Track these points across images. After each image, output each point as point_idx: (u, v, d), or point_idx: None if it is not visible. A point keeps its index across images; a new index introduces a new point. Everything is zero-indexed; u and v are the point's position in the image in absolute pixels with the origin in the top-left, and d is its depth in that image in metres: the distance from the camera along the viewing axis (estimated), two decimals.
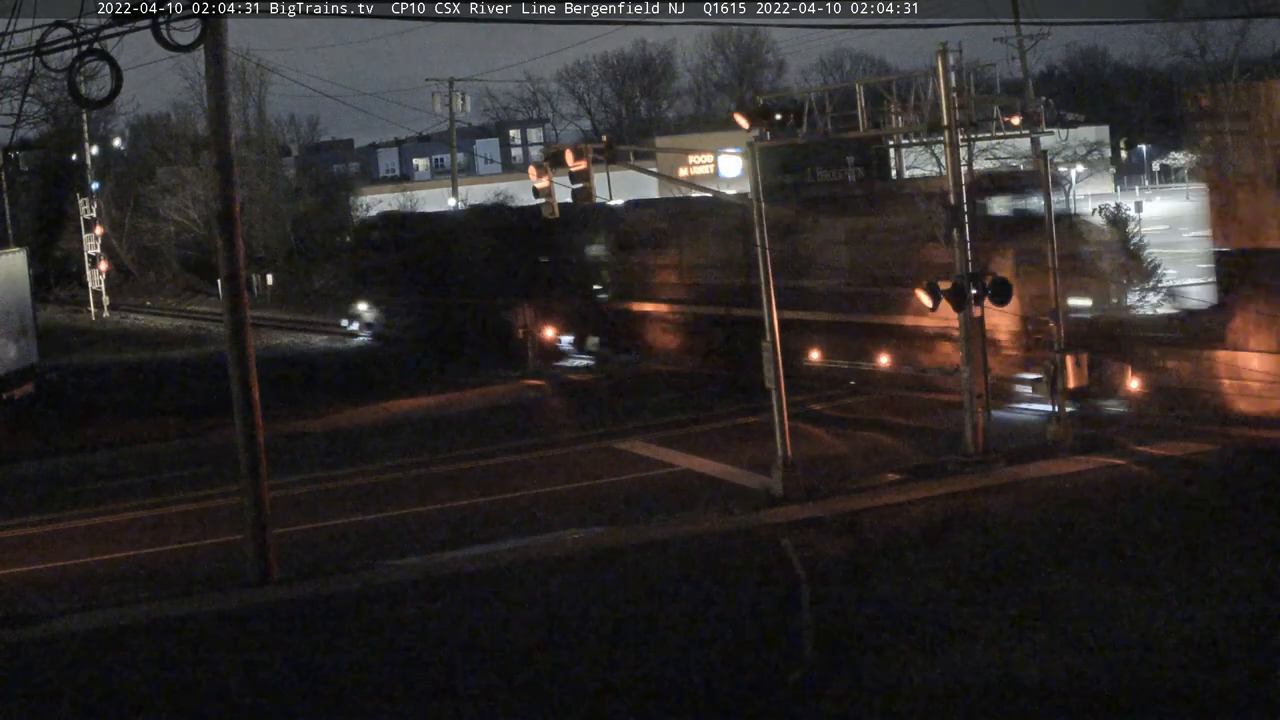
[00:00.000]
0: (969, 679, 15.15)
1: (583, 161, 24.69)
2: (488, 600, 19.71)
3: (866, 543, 21.02)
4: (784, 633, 17.13)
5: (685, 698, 15.49)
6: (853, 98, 28.71)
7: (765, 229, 24.61)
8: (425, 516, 24.93)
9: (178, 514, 26.75)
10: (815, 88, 39.83)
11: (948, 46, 25.39)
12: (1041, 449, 25.41)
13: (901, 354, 33.04)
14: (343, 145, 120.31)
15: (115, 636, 19.20)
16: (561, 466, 28.34)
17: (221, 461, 27.70)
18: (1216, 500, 21.83)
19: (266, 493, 21.52)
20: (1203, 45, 71.67)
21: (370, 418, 36.41)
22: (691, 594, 19.25)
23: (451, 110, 71.38)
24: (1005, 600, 17.69)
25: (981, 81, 29.39)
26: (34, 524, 26.86)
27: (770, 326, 24.25)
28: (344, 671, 17.11)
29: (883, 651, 16.22)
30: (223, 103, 21.61)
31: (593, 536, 22.72)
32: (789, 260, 31.38)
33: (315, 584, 21.14)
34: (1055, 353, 25.74)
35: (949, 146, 25.57)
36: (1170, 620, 16.44)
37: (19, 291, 42.82)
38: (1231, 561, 18.59)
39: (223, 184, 21.56)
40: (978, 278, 25.14)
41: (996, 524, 21.47)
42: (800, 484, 23.94)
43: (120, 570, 22.96)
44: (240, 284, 21.45)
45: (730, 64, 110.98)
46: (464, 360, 43.65)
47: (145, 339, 63.57)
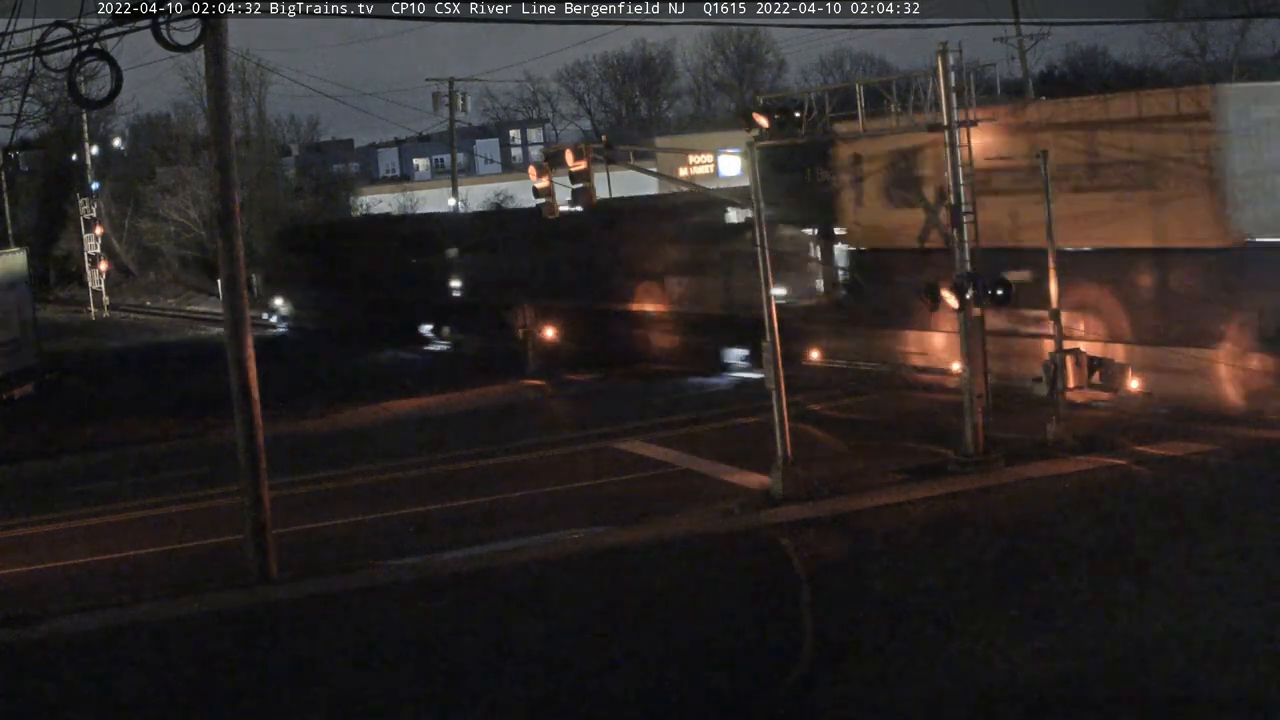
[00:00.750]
0: (969, 679, 15.15)
1: (583, 161, 24.70)
2: (488, 600, 19.71)
3: (866, 543, 21.02)
4: (784, 633, 17.13)
5: (685, 698, 15.49)
6: (853, 97, 28.70)
7: (765, 229, 24.65)
8: (425, 516, 24.94)
9: (178, 514, 26.76)
10: (815, 87, 39.84)
11: (948, 46, 25.39)
12: (1041, 449, 25.40)
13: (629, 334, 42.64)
14: (343, 145, 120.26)
15: (115, 636, 19.20)
16: (561, 466, 28.34)
17: (221, 461, 27.70)
18: (1217, 500, 21.81)
19: (266, 493, 21.52)
20: (1203, 45, 71.69)
21: (370, 417, 36.43)
22: (691, 594, 19.25)
23: (452, 110, 71.38)
24: (1005, 600, 17.68)
25: (981, 81, 29.38)
26: (34, 524, 26.88)
27: (770, 327, 24.24)
28: (344, 671, 17.12)
29: (883, 651, 16.22)
30: (223, 103, 21.61)
31: (593, 536, 22.72)
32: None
33: (315, 584, 21.14)
34: (1055, 352, 25.73)
35: (949, 146, 25.56)
36: (1170, 620, 16.44)
37: (19, 291, 42.89)
38: (1231, 561, 18.59)
39: (223, 184, 21.55)
40: (977, 277, 25.16)
41: (996, 524, 21.47)
42: (800, 484, 23.93)
43: (120, 570, 22.96)
44: (240, 284, 21.44)
45: (730, 64, 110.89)
46: (359, 343, 52.30)
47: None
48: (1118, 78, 75.90)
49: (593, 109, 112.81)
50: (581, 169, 24.56)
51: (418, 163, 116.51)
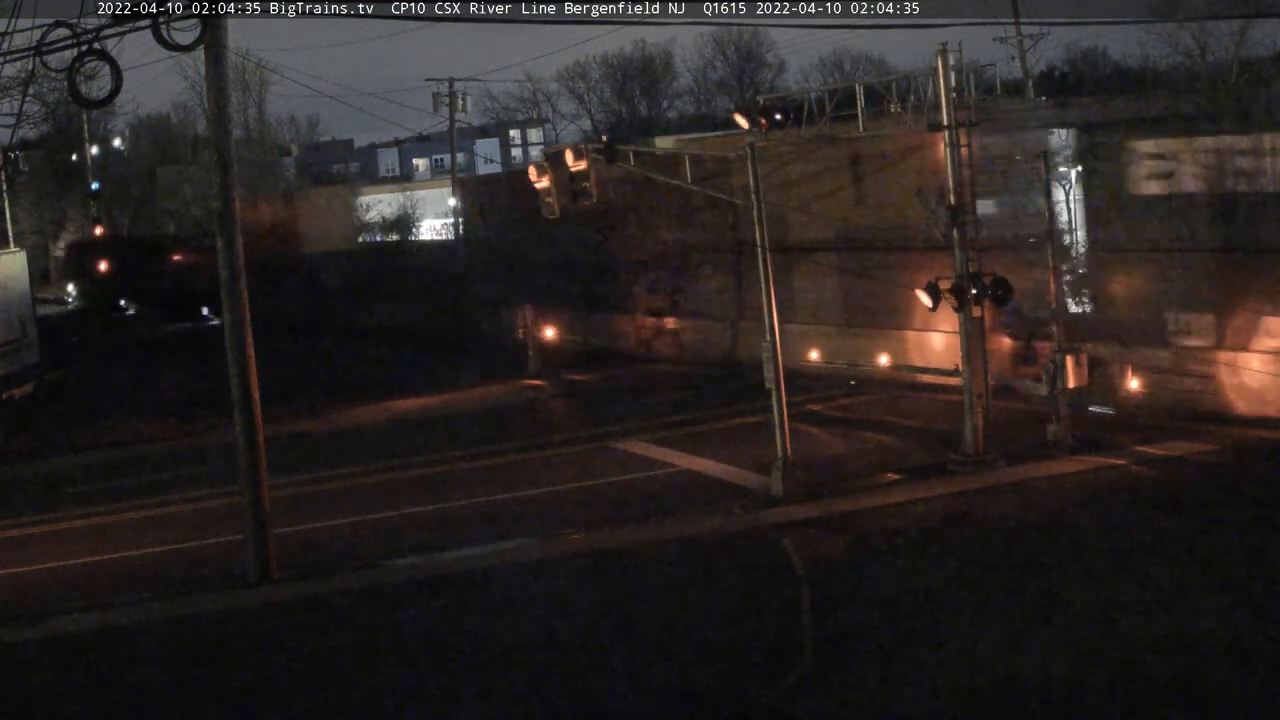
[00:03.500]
0: (969, 679, 15.15)
1: (583, 161, 24.73)
2: (488, 600, 19.72)
3: (866, 543, 21.02)
4: (784, 632, 17.13)
5: (685, 697, 15.49)
6: (853, 97, 28.71)
7: (765, 229, 24.65)
8: (425, 516, 24.94)
9: (178, 514, 26.76)
10: (815, 87, 39.90)
11: (948, 46, 25.39)
12: (1041, 449, 25.40)
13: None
14: (343, 145, 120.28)
15: (115, 636, 19.21)
16: (561, 466, 28.35)
17: (221, 461, 27.71)
18: (1216, 500, 21.82)
19: (266, 492, 21.52)
20: (1203, 45, 71.61)
21: (370, 417, 36.42)
22: (691, 594, 19.25)
23: (452, 110, 71.26)
24: (1005, 600, 17.69)
25: (981, 81, 29.40)
26: (34, 524, 26.88)
27: (770, 326, 24.25)
28: (344, 672, 17.11)
29: (883, 651, 16.22)
30: (223, 103, 21.60)
31: (593, 536, 22.72)
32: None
33: (315, 584, 21.14)
34: (1055, 352, 25.73)
35: (949, 146, 25.56)
36: (1170, 620, 16.44)
37: (19, 291, 42.85)
38: (1231, 561, 18.60)
39: (223, 184, 21.53)
40: (977, 277, 25.16)
41: (996, 524, 21.47)
42: (800, 484, 23.94)
43: (120, 570, 22.97)
44: (240, 284, 21.43)
45: (730, 64, 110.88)
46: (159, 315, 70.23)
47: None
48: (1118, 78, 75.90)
49: (593, 109, 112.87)
50: (581, 169, 24.59)
51: (418, 163, 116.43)
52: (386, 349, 50.52)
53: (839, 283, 35.63)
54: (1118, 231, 29.12)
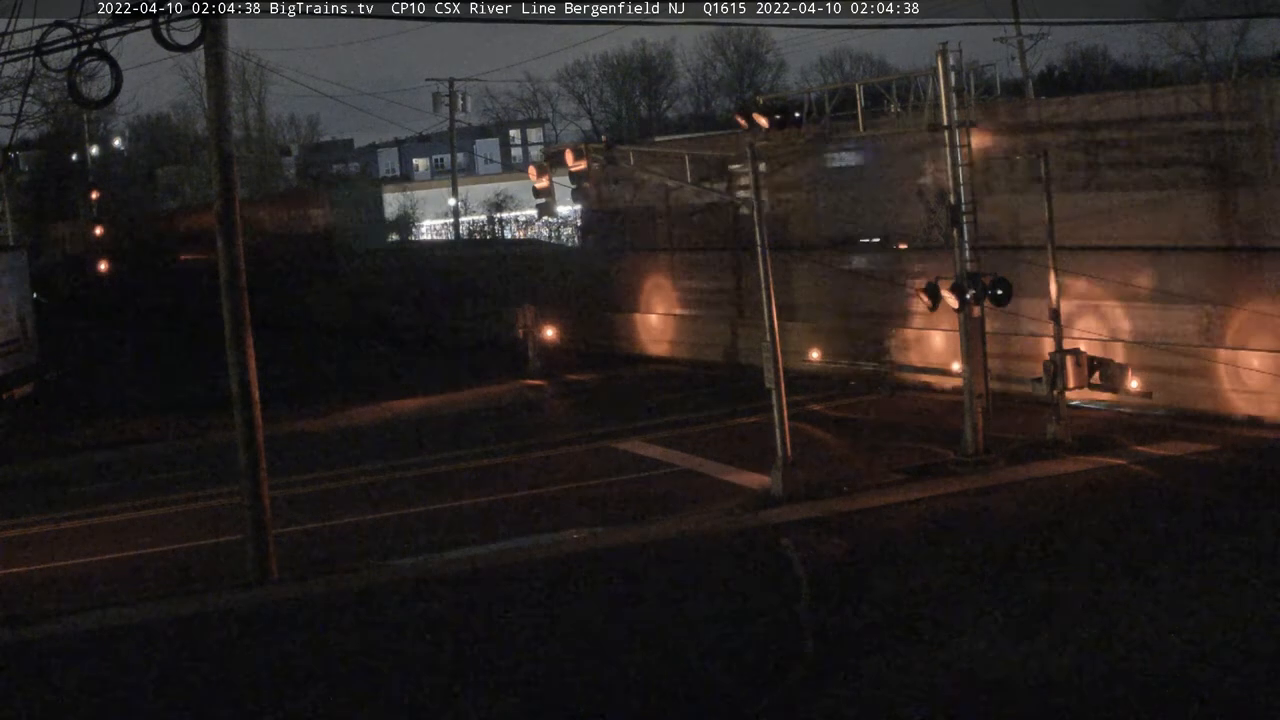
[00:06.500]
0: (969, 679, 15.15)
1: (583, 161, 24.78)
2: (488, 600, 19.71)
3: (866, 543, 21.01)
4: (784, 633, 17.12)
5: (685, 697, 15.49)
6: (853, 97, 28.70)
7: (764, 228, 24.65)
8: (425, 516, 24.94)
9: (178, 514, 26.76)
10: (815, 87, 39.90)
11: (948, 46, 25.39)
12: (1041, 449, 25.40)
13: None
14: (343, 145, 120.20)
15: (116, 636, 19.20)
16: (561, 466, 28.34)
17: (221, 461, 27.71)
18: (1217, 500, 21.82)
19: (266, 493, 21.51)
20: (1203, 45, 71.70)
21: (370, 417, 36.42)
22: (691, 594, 19.24)
23: (452, 110, 71.32)
24: (1005, 600, 17.69)
25: (981, 81, 29.39)
26: (34, 524, 26.87)
27: (770, 326, 24.24)
28: (344, 672, 17.11)
29: (883, 651, 16.22)
30: (223, 103, 21.60)
31: (593, 536, 22.72)
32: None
33: (315, 584, 21.14)
34: (1055, 352, 25.73)
35: (949, 147, 25.56)
36: (1170, 620, 16.44)
37: (19, 291, 42.84)
38: (1232, 561, 18.59)
39: (223, 184, 21.53)
40: (976, 277, 25.17)
41: (996, 524, 21.47)
42: (800, 484, 23.93)
43: (120, 570, 22.96)
44: (241, 284, 21.42)
45: (730, 64, 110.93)
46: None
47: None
48: (1117, 78, 75.91)
49: (593, 109, 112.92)
50: (581, 169, 24.62)
51: (418, 163, 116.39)
52: (390, 349, 50.55)
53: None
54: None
